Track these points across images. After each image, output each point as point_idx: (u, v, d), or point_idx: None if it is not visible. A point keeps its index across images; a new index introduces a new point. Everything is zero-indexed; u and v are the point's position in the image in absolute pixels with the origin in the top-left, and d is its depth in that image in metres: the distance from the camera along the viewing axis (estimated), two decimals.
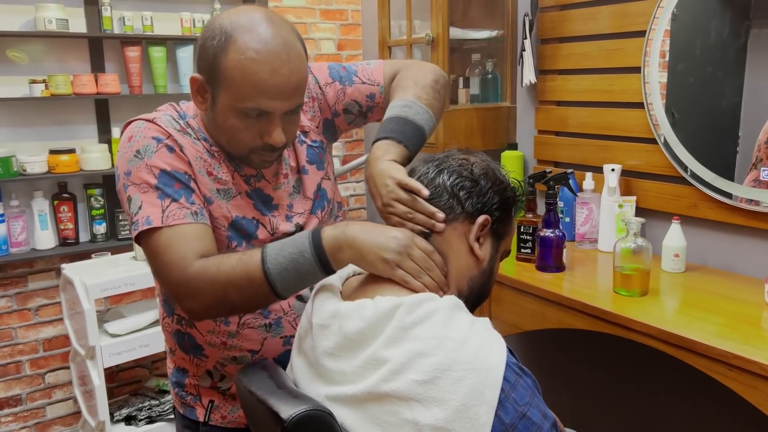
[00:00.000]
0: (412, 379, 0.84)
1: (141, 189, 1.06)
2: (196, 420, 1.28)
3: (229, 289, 1.01)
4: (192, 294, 1.03)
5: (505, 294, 1.84)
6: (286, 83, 1.03)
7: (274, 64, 1.02)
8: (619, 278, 1.60)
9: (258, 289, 1.01)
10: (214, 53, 1.03)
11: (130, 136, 1.10)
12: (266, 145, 1.08)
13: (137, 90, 2.66)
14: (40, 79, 2.46)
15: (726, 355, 1.28)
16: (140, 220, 1.05)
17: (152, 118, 1.12)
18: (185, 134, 1.12)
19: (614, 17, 2.00)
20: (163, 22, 2.73)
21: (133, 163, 1.07)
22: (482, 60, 2.48)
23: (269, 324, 1.20)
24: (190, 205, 1.07)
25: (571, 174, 2.00)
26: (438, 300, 0.91)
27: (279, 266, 1.00)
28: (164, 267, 1.04)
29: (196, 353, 1.24)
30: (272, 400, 0.92)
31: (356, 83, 1.28)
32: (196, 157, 1.11)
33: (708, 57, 1.79)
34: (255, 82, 1.02)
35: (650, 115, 1.89)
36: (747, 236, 1.74)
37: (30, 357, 2.65)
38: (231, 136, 1.09)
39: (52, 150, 2.52)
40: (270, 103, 1.04)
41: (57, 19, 2.43)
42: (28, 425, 2.68)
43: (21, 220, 2.51)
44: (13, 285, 2.58)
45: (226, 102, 1.05)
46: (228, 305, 1.05)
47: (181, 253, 1.03)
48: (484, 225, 1.01)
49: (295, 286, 1.03)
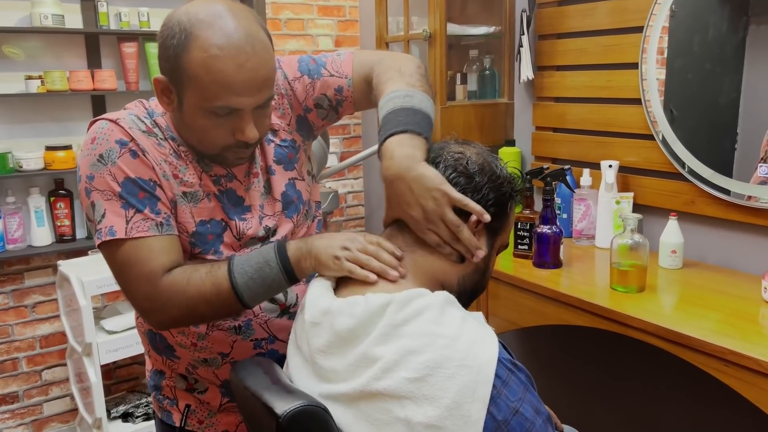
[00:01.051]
0: (404, 377, 0.84)
1: (104, 196, 1.03)
2: (173, 425, 1.26)
3: (199, 303, 1.03)
4: (161, 308, 1.03)
5: (502, 290, 1.83)
6: (254, 77, 0.99)
7: (239, 59, 0.97)
8: (616, 274, 1.60)
9: (225, 300, 1.03)
10: (175, 53, 0.99)
11: (93, 137, 1.06)
12: (239, 142, 1.05)
13: (134, 86, 2.66)
14: (36, 75, 2.45)
15: (722, 351, 1.27)
16: (103, 229, 1.02)
17: (116, 119, 1.07)
18: (150, 135, 1.08)
19: (612, 13, 1.99)
20: (159, 17, 2.71)
21: (96, 168, 1.04)
22: (480, 56, 2.47)
23: (239, 326, 1.17)
24: (155, 215, 1.04)
25: (569, 170, 2.00)
26: (429, 296, 0.91)
27: (245, 275, 1.02)
28: (132, 281, 1.03)
29: (168, 354, 1.22)
30: (267, 396, 0.91)
31: (324, 76, 1.21)
32: (161, 161, 1.07)
33: (706, 53, 1.78)
34: (221, 80, 0.97)
35: (648, 111, 1.89)
36: (745, 233, 1.74)
37: (27, 354, 2.65)
38: (202, 136, 1.05)
39: (49, 146, 2.51)
40: (239, 99, 1.00)
41: (53, 15, 2.42)
42: (25, 422, 2.68)
43: (17, 217, 2.51)
44: (10, 282, 2.57)
45: (193, 102, 1.01)
46: (197, 317, 1.07)
47: (148, 268, 1.02)
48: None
49: (261, 294, 1.04)
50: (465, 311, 0.94)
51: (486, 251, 1.02)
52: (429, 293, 0.91)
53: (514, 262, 1.88)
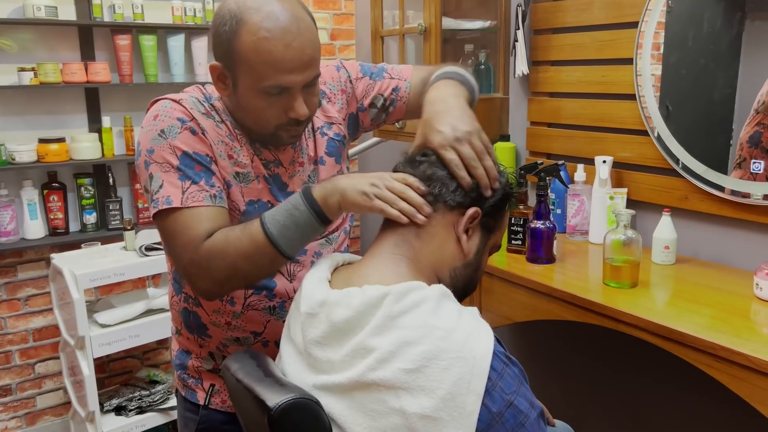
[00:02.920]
0: (399, 368, 0.84)
1: (163, 168, 1.08)
2: (197, 403, 1.31)
3: (238, 260, 1.03)
4: (204, 273, 1.05)
5: (495, 285, 1.84)
6: (300, 56, 1.06)
7: (286, 39, 1.04)
8: (609, 270, 1.60)
9: (264, 253, 1.03)
10: (227, 39, 1.06)
11: (155, 114, 1.13)
12: (291, 120, 1.11)
13: (128, 79, 2.64)
14: (29, 67, 2.44)
15: (713, 346, 1.28)
16: (160, 198, 1.07)
17: (179, 99, 1.14)
18: (209, 117, 1.14)
19: (607, 8, 1.99)
20: (153, 10, 2.70)
21: (157, 142, 1.09)
22: (475, 51, 2.46)
23: (273, 307, 1.22)
24: (209, 188, 1.09)
25: (563, 166, 2.00)
26: (426, 288, 0.91)
27: (277, 224, 1.03)
28: (178, 249, 1.07)
29: (200, 333, 1.27)
30: (259, 389, 0.91)
31: (385, 78, 1.33)
32: (218, 141, 1.14)
33: (702, 49, 1.78)
34: (271, 60, 1.04)
35: (642, 107, 1.89)
36: (737, 228, 1.75)
37: (20, 347, 2.64)
38: (256, 116, 1.12)
39: (42, 139, 2.50)
40: (288, 77, 1.06)
41: (46, 7, 2.41)
42: (18, 415, 2.67)
43: (10, 210, 2.50)
44: (3, 275, 2.57)
45: (247, 84, 1.08)
46: (240, 276, 1.06)
47: (193, 234, 1.05)
48: (473, 217, 1.00)
49: (297, 240, 1.04)
50: (461, 305, 0.94)
51: (480, 246, 1.03)
52: (426, 286, 0.92)
53: (508, 257, 1.88)
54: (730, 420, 1.82)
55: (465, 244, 1.00)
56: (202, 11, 2.79)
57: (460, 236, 1.00)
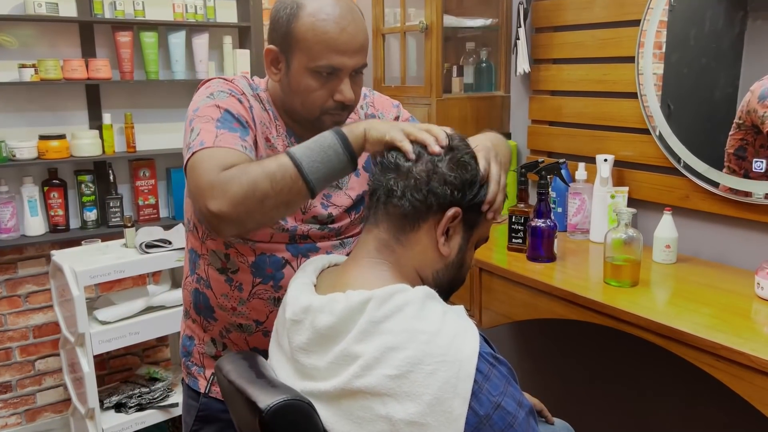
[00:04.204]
0: (384, 374, 0.83)
1: (203, 120, 1.12)
2: (198, 391, 1.34)
3: (259, 177, 0.98)
4: (221, 190, 0.98)
5: (496, 284, 1.83)
6: (353, 40, 1.13)
7: (341, 23, 1.12)
8: (609, 269, 1.59)
9: (286, 173, 0.99)
10: (287, 20, 1.14)
11: (208, 86, 1.19)
12: (337, 104, 1.16)
13: (128, 76, 2.64)
14: (30, 63, 2.43)
15: (714, 346, 1.27)
16: (195, 143, 1.07)
17: (231, 79, 1.22)
18: (256, 100, 1.22)
19: (609, 6, 1.98)
20: (154, 7, 2.70)
21: (204, 101, 1.15)
22: (476, 49, 2.46)
23: (278, 298, 1.24)
24: (242, 140, 1.11)
25: (564, 164, 1.99)
26: (410, 291, 0.90)
27: (302, 147, 1.02)
28: (200, 174, 1.02)
29: (207, 315, 1.30)
30: (251, 390, 0.91)
31: None
32: (260, 122, 1.20)
33: (704, 48, 1.77)
34: (326, 40, 1.11)
35: (644, 106, 1.88)
36: (739, 228, 1.74)
37: (20, 344, 2.64)
38: (305, 97, 1.16)
39: (42, 135, 2.50)
40: (340, 59, 1.12)
41: (47, 3, 2.40)
42: (18, 412, 2.68)
43: (10, 206, 2.50)
44: (3, 271, 2.57)
45: (300, 64, 1.14)
46: (258, 197, 0.98)
47: (220, 162, 1.02)
48: (454, 217, 0.96)
49: (320, 164, 1.00)
50: (446, 305, 0.92)
51: (462, 244, 1.00)
52: (409, 288, 0.90)
53: (508, 255, 1.87)
54: (730, 419, 1.81)
55: (442, 247, 0.97)
56: (203, 8, 2.78)
57: (438, 239, 0.97)
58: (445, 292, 1.01)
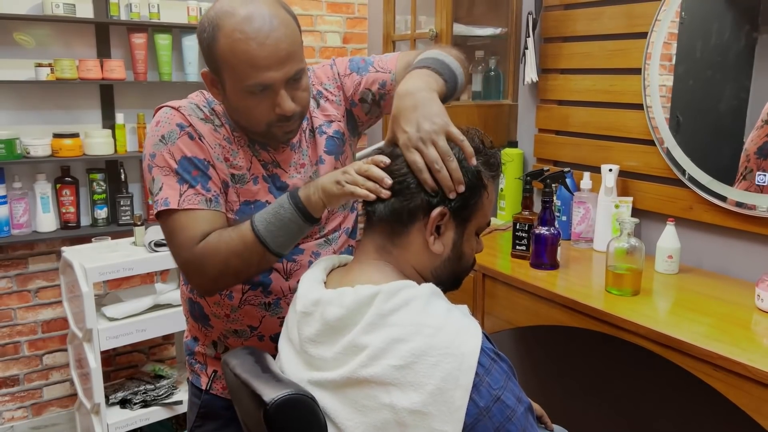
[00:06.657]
0: (390, 365, 0.86)
1: (163, 172, 1.14)
2: (200, 388, 1.37)
3: (230, 257, 1.08)
4: (199, 269, 1.10)
5: (499, 290, 1.85)
6: (276, 52, 1.07)
7: (259, 38, 1.06)
8: (611, 277, 1.61)
9: (253, 249, 1.08)
10: (208, 45, 1.10)
11: (158, 121, 1.18)
12: (280, 117, 1.13)
13: (142, 77, 2.68)
14: (46, 62, 2.48)
15: (711, 355, 1.29)
16: (159, 200, 1.13)
17: (178, 106, 1.18)
18: (207, 121, 1.18)
19: (618, 18, 2.00)
20: (169, 9, 2.74)
21: (158, 147, 1.15)
22: (485, 57, 2.48)
23: (268, 303, 1.26)
24: (205, 192, 1.14)
25: (569, 173, 2.01)
26: (416, 287, 0.93)
27: (264, 221, 1.07)
28: (176, 247, 1.13)
29: (203, 322, 1.33)
30: (255, 384, 0.93)
31: (371, 72, 1.32)
32: (215, 144, 1.18)
33: (714, 61, 1.78)
34: (248, 60, 1.06)
35: (649, 117, 1.89)
36: (741, 240, 1.75)
37: (28, 338, 2.68)
38: (247, 116, 1.15)
39: (56, 134, 2.54)
40: (267, 75, 1.08)
41: (64, 4, 2.45)
42: (25, 405, 2.71)
43: (23, 203, 2.54)
44: (14, 266, 2.60)
45: (232, 86, 1.11)
46: (232, 272, 1.11)
47: (190, 234, 1.11)
48: (441, 216, 0.97)
49: (283, 238, 1.07)
50: (450, 304, 0.96)
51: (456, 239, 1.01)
52: (416, 285, 0.94)
53: (512, 262, 1.89)
54: (726, 428, 1.82)
55: (433, 246, 0.98)
56: None
57: (428, 238, 0.98)
58: (448, 285, 1.03)
